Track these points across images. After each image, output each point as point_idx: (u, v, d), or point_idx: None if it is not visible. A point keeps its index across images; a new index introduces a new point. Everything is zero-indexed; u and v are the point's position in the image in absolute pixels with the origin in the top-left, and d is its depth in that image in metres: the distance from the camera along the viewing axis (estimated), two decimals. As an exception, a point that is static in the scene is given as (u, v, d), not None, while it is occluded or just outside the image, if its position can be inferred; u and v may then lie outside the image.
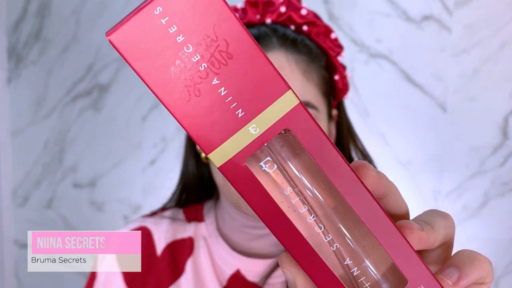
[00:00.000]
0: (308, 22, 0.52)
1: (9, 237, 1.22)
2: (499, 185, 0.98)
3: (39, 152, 1.18)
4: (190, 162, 0.59)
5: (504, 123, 0.96)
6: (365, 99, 1.00)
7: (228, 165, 0.19)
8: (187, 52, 0.18)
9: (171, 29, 0.18)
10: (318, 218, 0.21)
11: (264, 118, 0.19)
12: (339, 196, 0.20)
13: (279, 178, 0.21)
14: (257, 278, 0.53)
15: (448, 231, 0.23)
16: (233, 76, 0.18)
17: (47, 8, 1.14)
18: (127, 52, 0.18)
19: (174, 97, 0.18)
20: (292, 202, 0.21)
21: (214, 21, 0.18)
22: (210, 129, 0.19)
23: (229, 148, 0.19)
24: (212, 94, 0.18)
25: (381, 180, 0.22)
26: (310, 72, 0.50)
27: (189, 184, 0.60)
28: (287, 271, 0.22)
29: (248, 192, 0.19)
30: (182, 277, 0.55)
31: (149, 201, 1.12)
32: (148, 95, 1.10)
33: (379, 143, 1.00)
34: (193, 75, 0.18)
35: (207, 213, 0.59)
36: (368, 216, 0.20)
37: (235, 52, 0.18)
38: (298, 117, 0.19)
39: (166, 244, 0.57)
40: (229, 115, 0.19)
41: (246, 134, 0.19)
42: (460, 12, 0.96)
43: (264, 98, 0.19)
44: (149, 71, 0.18)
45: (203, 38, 0.18)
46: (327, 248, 0.21)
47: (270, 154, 0.20)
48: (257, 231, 0.54)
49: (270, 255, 0.55)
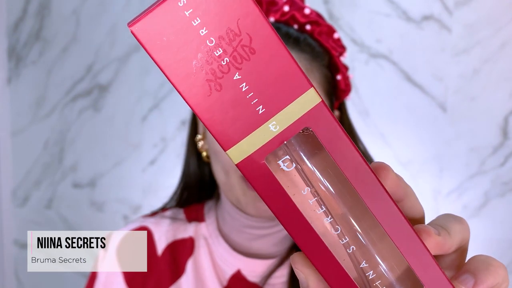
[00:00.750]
0: (311, 22, 0.52)
1: (9, 237, 1.22)
2: (499, 185, 0.98)
3: (39, 152, 1.18)
4: (191, 161, 0.59)
5: (504, 123, 0.96)
6: (365, 99, 1.00)
7: (246, 162, 0.19)
8: (210, 46, 0.18)
9: (194, 22, 0.18)
10: (335, 220, 0.21)
11: (285, 115, 0.18)
12: (356, 198, 0.20)
13: (296, 177, 0.21)
14: (258, 278, 0.53)
15: (463, 236, 0.23)
16: (255, 71, 0.18)
17: (47, 8, 1.14)
18: (149, 43, 0.18)
19: (195, 91, 0.18)
20: (309, 202, 0.20)
21: (238, 15, 0.18)
22: (229, 125, 0.18)
23: (248, 145, 0.19)
24: (233, 89, 0.18)
25: (400, 183, 0.22)
26: (313, 71, 0.50)
27: (190, 183, 0.60)
28: (300, 271, 0.21)
29: (265, 190, 0.19)
30: (182, 277, 0.55)
31: (149, 201, 1.12)
32: (148, 95, 1.10)
33: (379, 143, 1.00)
34: (215, 69, 0.18)
35: (207, 213, 0.59)
36: (386, 219, 0.20)
37: (258, 47, 0.18)
38: (319, 116, 0.18)
39: (167, 244, 0.57)
40: (249, 111, 0.18)
41: (266, 131, 0.18)
42: (460, 12, 0.96)
43: (286, 95, 0.18)
44: (170, 63, 0.18)
45: (226, 32, 0.18)
46: (343, 250, 0.21)
47: (288, 152, 0.20)
48: (258, 231, 0.54)
49: (271, 255, 0.54)
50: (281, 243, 0.54)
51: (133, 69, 1.11)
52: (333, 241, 0.21)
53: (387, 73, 0.99)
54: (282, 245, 0.55)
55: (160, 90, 1.09)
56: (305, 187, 0.20)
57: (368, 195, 0.19)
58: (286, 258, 0.53)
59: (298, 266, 0.21)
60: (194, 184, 0.59)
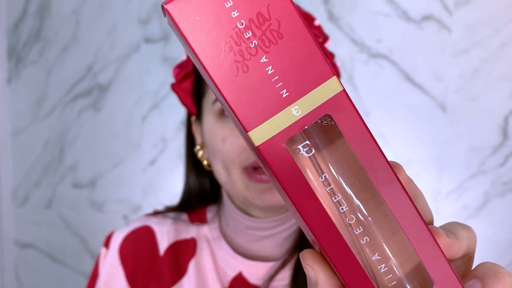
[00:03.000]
0: None
1: (9, 237, 1.22)
2: (499, 185, 0.98)
3: (39, 152, 1.18)
4: (190, 176, 0.60)
5: (504, 123, 0.96)
6: (365, 99, 1.00)
7: (267, 145, 0.19)
8: (240, 28, 0.18)
9: (227, 4, 0.18)
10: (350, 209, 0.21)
11: (308, 100, 0.19)
12: (371, 190, 0.20)
13: (314, 163, 0.21)
14: (260, 281, 0.53)
15: (470, 243, 0.23)
16: (282, 56, 0.19)
17: (47, 8, 1.14)
18: (182, 22, 0.18)
19: (222, 71, 0.18)
20: (326, 189, 0.21)
21: (269, 0, 0.18)
22: (253, 107, 0.19)
23: (270, 128, 0.19)
24: (260, 71, 0.19)
25: (411, 184, 0.22)
26: None
27: (191, 194, 0.61)
28: (309, 268, 0.21)
29: (283, 173, 0.19)
30: (184, 278, 0.55)
31: (149, 201, 1.12)
32: (148, 95, 1.10)
33: (379, 143, 1.00)
34: (243, 51, 0.18)
35: (210, 215, 0.59)
36: (401, 213, 0.20)
37: (286, 32, 0.18)
38: (340, 104, 0.19)
39: (169, 244, 0.57)
40: (273, 94, 0.19)
41: (289, 115, 0.19)
42: (460, 12, 0.96)
43: (310, 81, 0.19)
44: (201, 43, 0.18)
45: (257, 15, 0.18)
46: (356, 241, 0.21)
47: (309, 138, 0.20)
48: (260, 232, 0.54)
49: (273, 258, 0.54)
50: (283, 245, 0.54)
51: (133, 69, 1.11)
52: (346, 230, 0.21)
53: (387, 73, 0.99)
54: (284, 247, 0.54)
55: (160, 90, 1.09)
56: (323, 173, 0.21)
57: (385, 187, 0.19)
58: (288, 260, 0.53)
59: (308, 262, 0.21)
60: (195, 194, 0.60)
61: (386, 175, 0.19)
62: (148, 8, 1.09)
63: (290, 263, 0.53)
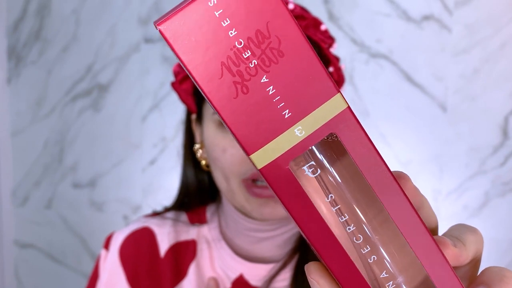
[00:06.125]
0: (297, 16, 0.51)
1: (9, 237, 1.22)
2: (499, 185, 0.98)
3: (39, 152, 1.18)
4: (188, 171, 0.59)
5: (504, 123, 0.96)
6: (365, 99, 1.00)
7: (270, 167, 0.18)
8: (238, 47, 0.18)
9: (224, 23, 0.17)
10: (357, 229, 0.20)
11: (311, 120, 0.18)
12: (378, 207, 0.20)
13: (320, 184, 0.20)
14: (260, 282, 0.52)
15: (478, 247, 0.23)
16: (283, 75, 0.18)
17: (47, 8, 1.14)
18: (176, 43, 0.17)
19: (221, 93, 0.18)
20: (332, 210, 0.20)
21: (268, 17, 0.17)
22: (254, 129, 0.18)
23: (272, 150, 0.18)
24: (260, 92, 0.18)
25: (417, 193, 0.22)
26: None
27: (189, 191, 0.59)
28: (315, 282, 0.21)
29: (288, 196, 0.19)
30: (184, 280, 0.54)
31: (149, 201, 1.12)
32: (148, 95, 1.10)
33: (379, 143, 1.00)
34: (242, 71, 0.18)
35: (210, 215, 0.59)
36: (408, 228, 0.19)
37: (287, 50, 0.18)
38: (345, 122, 0.18)
39: (169, 246, 0.57)
40: (275, 115, 0.18)
41: (292, 136, 0.18)
42: (460, 12, 0.96)
43: (313, 100, 0.18)
44: (198, 64, 0.18)
45: (256, 33, 0.17)
46: (364, 260, 0.21)
47: (313, 158, 0.20)
48: (261, 234, 0.53)
49: (273, 259, 0.54)
50: (284, 246, 0.54)
51: (133, 69, 1.11)
52: (354, 250, 0.20)
53: (387, 73, 0.99)
54: (285, 248, 0.54)
55: (160, 90, 1.09)
56: (329, 194, 0.20)
57: (391, 204, 0.19)
58: (289, 261, 0.53)
59: (313, 276, 0.21)
60: (193, 191, 0.59)
61: (392, 191, 0.19)
62: (148, 8, 1.09)
63: (291, 264, 0.53)
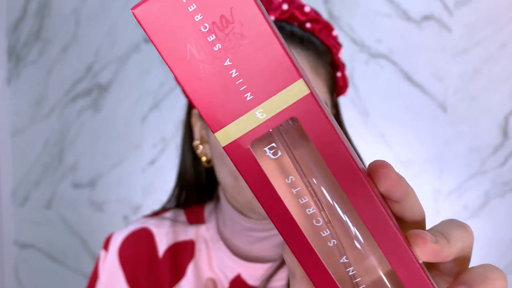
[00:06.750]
0: (311, 19, 0.52)
1: (9, 237, 1.22)
2: (499, 185, 0.98)
3: (39, 152, 1.18)
4: (187, 162, 0.58)
5: (504, 123, 0.96)
6: (365, 99, 1.00)
7: (232, 146, 0.19)
8: (204, 31, 0.18)
9: (190, 8, 0.18)
10: (318, 211, 0.20)
11: (272, 104, 0.19)
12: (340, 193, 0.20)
13: (282, 165, 0.21)
14: (258, 281, 0.53)
15: (465, 244, 0.22)
16: (246, 59, 0.18)
17: (47, 8, 1.14)
18: (148, 26, 0.19)
19: (188, 73, 0.19)
20: (293, 192, 0.20)
21: (232, 2, 0.18)
22: (218, 109, 0.19)
23: (234, 130, 0.19)
24: (224, 74, 0.19)
25: (401, 182, 0.21)
26: (318, 69, 0.50)
27: (187, 182, 0.59)
28: (289, 260, 0.21)
29: (249, 175, 0.19)
30: (183, 280, 0.55)
31: (149, 201, 1.12)
32: (148, 95, 1.10)
33: (379, 143, 1.00)
34: (207, 54, 0.18)
35: (208, 215, 0.59)
36: (370, 218, 0.19)
37: (250, 35, 0.18)
38: (307, 107, 0.19)
39: (168, 246, 0.57)
40: (238, 97, 0.19)
41: (253, 117, 0.19)
42: (460, 12, 0.96)
43: (275, 84, 0.19)
44: (167, 46, 0.19)
45: (220, 18, 0.18)
46: (325, 243, 0.21)
47: (275, 140, 0.20)
48: (258, 233, 0.53)
49: (271, 259, 0.54)
50: (281, 245, 0.54)
51: (133, 69, 1.11)
52: (314, 232, 0.21)
53: (387, 73, 0.99)
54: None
55: (160, 90, 1.09)
56: (290, 175, 0.20)
57: (352, 191, 0.19)
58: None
59: (287, 253, 0.21)
60: (190, 182, 0.59)
61: (354, 178, 0.19)
62: (148, 8, 1.09)
63: None
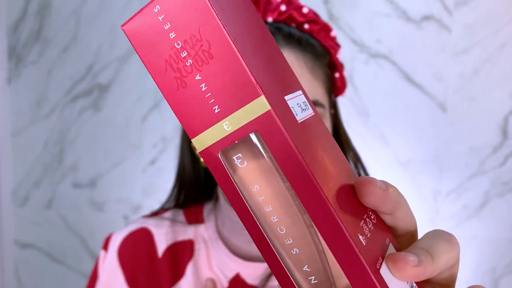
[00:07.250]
0: (309, 21, 0.52)
1: (9, 237, 1.22)
2: (499, 185, 0.98)
3: (39, 152, 1.18)
4: (186, 162, 0.59)
5: (504, 123, 0.96)
6: (365, 99, 1.00)
7: (205, 153, 0.21)
8: (177, 48, 0.20)
9: (166, 26, 0.20)
10: (280, 220, 0.22)
11: (237, 117, 0.20)
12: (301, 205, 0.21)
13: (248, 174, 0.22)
14: (257, 281, 0.53)
15: (451, 255, 0.22)
16: (213, 74, 0.20)
17: (47, 8, 1.14)
18: (134, 41, 0.21)
19: (167, 85, 0.21)
20: (258, 199, 0.22)
21: (199, 22, 0.20)
22: (192, 118, 0.21)
23: (206, 138, 0.21)
24: (195, 88, 0.20)
25: (388, 197, 0.21)
26: (317, 70, 0.50)
27: (186, 182, 0.59)
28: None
29: (220, 181, 0.21)
30: (182, 280, 0.55)
31: (149, 201, 1.12)
32: (148, 95, 1.10)
33: (379, 143, 1.00)
34: (181, 68, 0.20)
35: (207, 215, 0.59)
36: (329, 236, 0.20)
37: (216, 53, 0.20)
38: (267, 123, 0.20)
39: (167, 246, 0.57)
40: (207, 109, 0.21)
41: (220, 129, 0.21)
42: (460, 12, 0.96)
43: (238, 99, 0.20)
44: (150, 59, 0.21)
45: (190, 37, 0.20)
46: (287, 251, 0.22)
47: (242, 150, 0.21)
48: None
49: None
50: None
51: (133, 69, 1.11)
52: (278, 241, 0.22)
53: (387, 73, 0.99)
54: None
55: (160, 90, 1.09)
56: (255, 184, 0.21)
57: (309, 204, 0.20)
58: None
59: None
60: (190, 184, 0.59)
61: (311, 193, 0.20)
62: (148, 8, 1.09)
63: None
